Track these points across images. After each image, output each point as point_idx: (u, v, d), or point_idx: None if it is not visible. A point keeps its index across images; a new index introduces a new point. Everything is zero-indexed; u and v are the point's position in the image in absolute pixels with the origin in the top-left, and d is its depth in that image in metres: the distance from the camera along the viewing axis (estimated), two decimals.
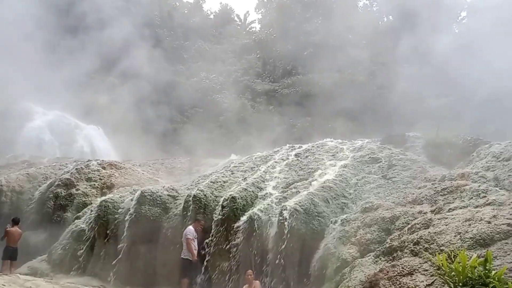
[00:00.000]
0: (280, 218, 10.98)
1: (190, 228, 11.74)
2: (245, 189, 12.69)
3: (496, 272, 5.33)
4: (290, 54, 36.27)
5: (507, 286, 5.24)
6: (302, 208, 10.94)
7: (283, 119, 30.27)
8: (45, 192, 16.61)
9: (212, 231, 12.19)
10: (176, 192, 14.16)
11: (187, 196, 12.99)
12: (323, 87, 31.99)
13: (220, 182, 13.65)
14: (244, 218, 11.69)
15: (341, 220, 10.40)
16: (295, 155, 15.14)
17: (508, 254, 6.36)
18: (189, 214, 12.58)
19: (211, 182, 13.59)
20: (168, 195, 13.83)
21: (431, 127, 16.85)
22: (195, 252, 11.52)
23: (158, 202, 13.46)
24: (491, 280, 5.23)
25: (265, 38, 41.43)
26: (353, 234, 9.61)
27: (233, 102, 33.18)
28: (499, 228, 6.99)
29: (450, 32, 35.98)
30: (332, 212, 11.27)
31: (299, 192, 12.10)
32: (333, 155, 14.93)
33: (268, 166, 14.57)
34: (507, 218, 7.30)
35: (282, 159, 15.05)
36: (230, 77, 36.35)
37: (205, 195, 12.74)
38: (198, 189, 13.08)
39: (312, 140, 17.97)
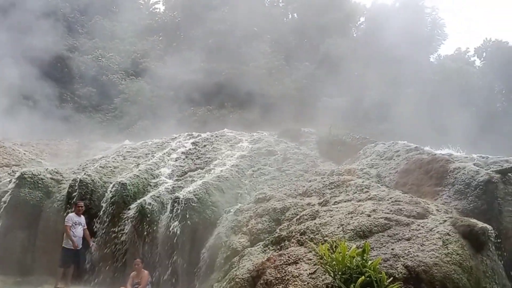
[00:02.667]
0: (173, 206, 10.77)
1: (70, 215, 10.94)
2: (137, 175, 12.23)
3: (372, 262, 5.70)
4: (194, 40, 35.58)
5: (381, 275, 5.64)
6: (196, 197, 10.83)
7: (183, 106, 29.59)
8: None
9: (99, 218, 11.55)
10: (61, 175, 13.25)
11: (72, 180, 12.19)
12: (226, 77, 31.96)
13: (110, 167, 12.99)
14: (134, 206, 11.28)
15: (234, 210, 10.47)
16: (193, 143, 14.92)
17: (384, 246, 6.85)
18: (74, 200, 11.75)
19: (100, 167, 12.88)
20: (52, 178, 12.87)
21: (325, 124, 17.67)
22: (75, 239, 10.69)
23: (39, 185, 12.49)
24: (367, 269, 5.58)
25: (169, 21, 40.04)
26: (245, 224, 9.71)
27: (131, 84, 31.59)
28: (377, 221, 7.52)
29: (348, 35, 38.13)
30: (227, 202, 11.33)
31: (195, 181, 11.94)
32: (231, 146, 15.00)
33: (164, 153, 14.18)
34: (385, 213, 7.88)
35: (179, 147, 14.74)
36: (129, 57, 34.49)
37: (92, 180, 12.02)
38: (85, 173, 12.33)
39: (212, 129, 17.85)
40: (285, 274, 6.99)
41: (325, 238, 7.46)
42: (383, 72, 29.67)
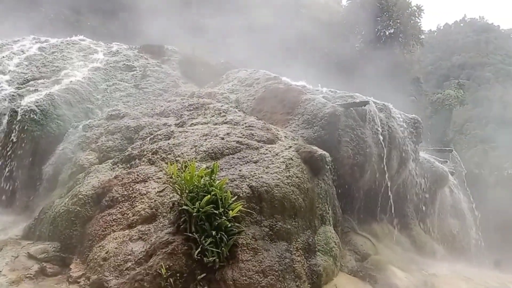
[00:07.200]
0: (11, 117, 9.60)
1: None
2: None
3: (219, 182, 5.89)
4: None
5: (226, 194, 5.88)
6: (39, 109, 9.81)
7: (31, 6, 25.67)
8: None
9: None
10: None
11: None
12: None
13: None
14: None
15: (83, 126, 9.80)
16: (39, 48, 13.19)
17: (233, 167, 7.10)
18: None
19: None
20: None
21: (190, 43, 17.14)
22: None
23: None
24: (214, 188, 5.75)
25: None
26: (94, 141, 9.20)
27: None
28: (229, 144, 7.72)
29: None
30: (75, 116, 10.49)
31: (38, 91, 10.71)
32: (84, 56, 13.65)
33: (3, 57, 12.32)
34: (238, 136, 8.11)
35: (22, 51, 12.93)
36: None
37: None
38: None
39: (63, 36, 15.91)
40: (132, 191, 6.87)
41: (177, 158, 7.44)
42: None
